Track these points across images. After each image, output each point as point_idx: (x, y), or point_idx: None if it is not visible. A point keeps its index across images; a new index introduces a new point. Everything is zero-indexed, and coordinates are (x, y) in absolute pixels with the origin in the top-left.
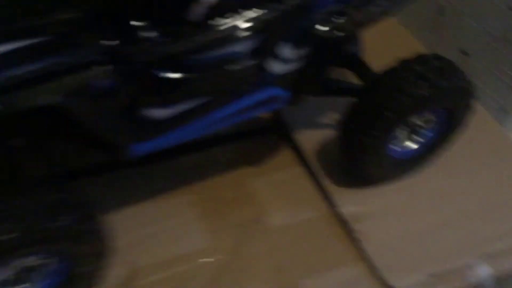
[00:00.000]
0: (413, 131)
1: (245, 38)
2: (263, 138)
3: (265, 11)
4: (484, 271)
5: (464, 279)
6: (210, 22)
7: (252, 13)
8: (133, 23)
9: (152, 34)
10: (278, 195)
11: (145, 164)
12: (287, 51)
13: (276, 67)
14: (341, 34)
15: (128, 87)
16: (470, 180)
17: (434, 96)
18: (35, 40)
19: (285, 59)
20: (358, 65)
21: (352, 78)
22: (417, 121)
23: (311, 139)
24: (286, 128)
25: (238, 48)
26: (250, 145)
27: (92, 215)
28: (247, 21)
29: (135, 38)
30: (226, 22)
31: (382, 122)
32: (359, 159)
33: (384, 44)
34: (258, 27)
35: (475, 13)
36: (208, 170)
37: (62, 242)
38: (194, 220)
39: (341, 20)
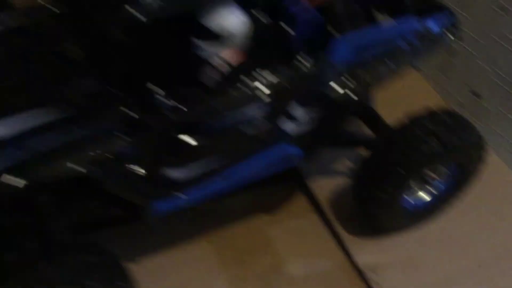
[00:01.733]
0: (425, 182)
1: (259, 102)
2: (278, 186)
3: (278, 76)
4: None
5: None
6: (225, 87)
7: (266, 79)
8: (151, 88)
9: (170, 99)
10: (295, 243)
11: None
12: (299, 112)
13: (290, 128)
14: (351, 95)
15: (148, 151)
16: (484, 228)
17: (446, 153)
18: (57, 114)
19: (298, 120)
20: (369, 116)
21: (363, 126)
22: (429, 173)
23: (325, 187)
24: (300, 176)
25: (253, 112)
26: (265, 192)
27: (124, 275)
28: (261, 86)
29: (154, 105)
30: (241, 87)
31: (395, 177)
32: (373, 211)
33: (394, 86)
34: (272, 91)
35: (485, 56)
36: (224, 218)
37: None
38: (213, 270)
39: (351, 82)
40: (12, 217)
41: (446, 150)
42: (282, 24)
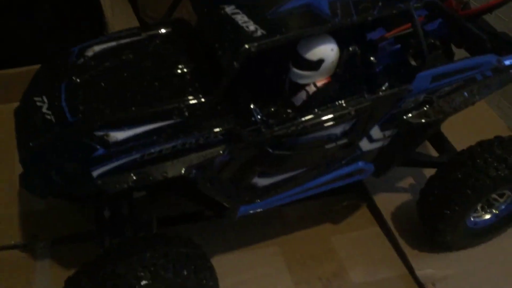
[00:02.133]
0: (490, 205)
1: (340, 123)
2: (343, 196)
3: (360, 100)
4: None
5: None
6: (313, 108)
7: (348, 103)
8: (248, 107)
9: (263, 117)
10: (357, 252)
11: None
12: (375, 132)
13: (364, 145)
14: (426, 120)
15: (239, 161)
16: None
17: None
18: (166, 123)
19: (373, 138)
20: (437, 138)
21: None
22: (495, 196)
23: (387, 200)
24: (365, 188)
25: (334, 130)
26: (330, 203)
27: (210, 267)
28: (343, 108)
29: (248, 120)
30: (326, 109)
31: (464, 198)
32: (438, 228)
33: None
34: (353, 114)
35: None
36: (292, 224)
37: None
38: (280, 271)
39: (426, 108)
40: (114, 209)
41: None
42: (366, 52)
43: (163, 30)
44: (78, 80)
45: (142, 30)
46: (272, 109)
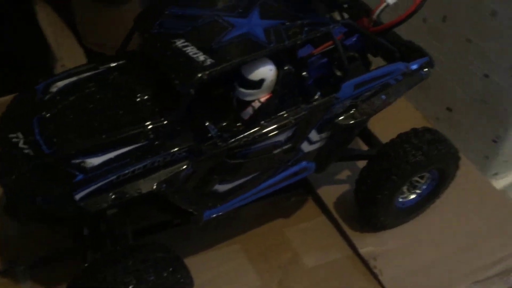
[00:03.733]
0: (413, 186)
1: (283, 131)
2: (291, 193)
3: (297, 110)
4: None
5: None
6: (259, 121)
7: (288, 113)
8: (204, 124)
9: (217, 132)
10: (308, 240)
11: None
12: (313, 135)
13: (305, 147)
14: (353, 121)
15: (201, 172)
16: (462, 220)
17: (427, 162)
18: (135, 146)
19: (312, 141)
20: (365, 134)
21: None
22: (416, 178)
23: (330, 192)
24: (309, 184)
25: (278, 138)
26: (281, 199)
27: (185, 268)
28: (284, 118)
29: (206, 136)
30: (270, 121)
31: (390, 183)
32: (372, 211)
33: None
34: (293, 122)
35: (456, 77)
36: (249, 222)
37: None
38: (243, 265)
39: (353, 112)
40: (92, 227)
41: (427, 159)
42: (299, 69)
43: (119, 62)
44: (48, 115)
45: (99, 63)
46: (224, 124)
